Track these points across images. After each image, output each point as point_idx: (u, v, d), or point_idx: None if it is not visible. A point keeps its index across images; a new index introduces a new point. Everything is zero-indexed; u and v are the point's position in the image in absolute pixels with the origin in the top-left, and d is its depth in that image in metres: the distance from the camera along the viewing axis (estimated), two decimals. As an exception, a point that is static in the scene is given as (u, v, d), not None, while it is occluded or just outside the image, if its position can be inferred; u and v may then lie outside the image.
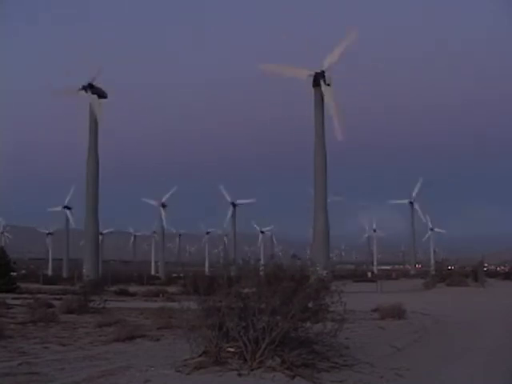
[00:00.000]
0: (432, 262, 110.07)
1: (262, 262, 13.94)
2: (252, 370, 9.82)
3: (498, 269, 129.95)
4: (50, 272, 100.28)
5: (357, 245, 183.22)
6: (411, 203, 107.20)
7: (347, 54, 49.92)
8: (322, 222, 49.99)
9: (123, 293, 40.36)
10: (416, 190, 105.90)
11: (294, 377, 9.61)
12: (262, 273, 11.93)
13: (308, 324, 10.96)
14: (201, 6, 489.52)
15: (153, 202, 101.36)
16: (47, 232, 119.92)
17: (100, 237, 71.98)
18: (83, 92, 55.81)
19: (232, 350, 10.36)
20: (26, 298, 28.87)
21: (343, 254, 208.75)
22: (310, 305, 11.05)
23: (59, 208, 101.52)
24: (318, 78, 49.68)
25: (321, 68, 49.77)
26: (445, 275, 60.59)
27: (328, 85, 49.66)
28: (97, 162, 56.12)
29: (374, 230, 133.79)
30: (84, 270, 52.69)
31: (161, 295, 37.01)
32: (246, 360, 10.07)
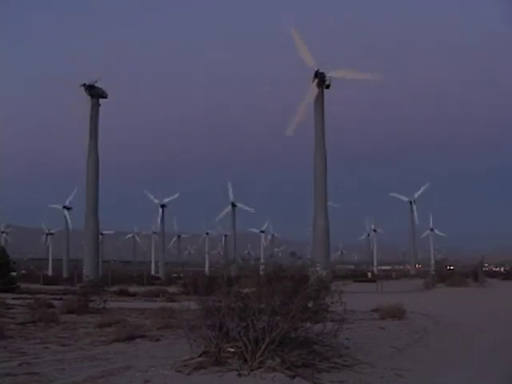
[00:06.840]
0: (432, 262, 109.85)
1: (262, 261, 13.92)
2: (252, 370, 9.83)
3: (498, 269, 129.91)
4: (50, 272, 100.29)
5: (357, 245, 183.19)
6: (411, 202, 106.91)
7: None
8: (322, 222, 49.92)
9: (123, 293, 40.31)
10: (420, 192, 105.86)
11: (294, 377, 9.62)
12: (261, 272, 11.93)
13: (308, 324, 10.96)
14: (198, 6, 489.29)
15: (152, 198, 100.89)
16: (47, 232, 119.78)
17: (100, 237, 71.92)
18: (84, 90, 55.63)
19: (232, 350, 10.36)
20: (26, 298, 28.90)
21: (343, 253, 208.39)
22: (310, 305, 11.05)
23: (59, 207, 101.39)
24: (320, 77, 49.33)
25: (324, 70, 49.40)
26: (445, 275, 60.45)
27: (328, 86, 49.51)
28: (97, 162, 56.09)
29: (374, 230, 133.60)
30: (84, 271, 52.64)
31: (161, 295, 36.99)
32: (246, 360, 10.07)
